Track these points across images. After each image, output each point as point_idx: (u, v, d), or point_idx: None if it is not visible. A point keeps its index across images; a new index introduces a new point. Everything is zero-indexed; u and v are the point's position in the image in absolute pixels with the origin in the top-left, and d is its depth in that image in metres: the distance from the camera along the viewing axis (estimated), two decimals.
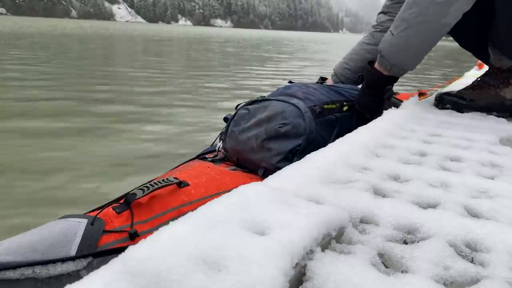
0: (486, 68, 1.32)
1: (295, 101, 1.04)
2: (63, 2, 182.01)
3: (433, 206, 0.56)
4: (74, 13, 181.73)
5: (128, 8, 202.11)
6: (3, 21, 45.99)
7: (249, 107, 1.09)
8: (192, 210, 0.78)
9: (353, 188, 0.59)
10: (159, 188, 0.78)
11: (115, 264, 0.32)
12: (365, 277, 0.36)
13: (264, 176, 1.00)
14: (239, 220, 0.40)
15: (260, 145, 1.00)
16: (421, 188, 0.60)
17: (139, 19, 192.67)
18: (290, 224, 0.40)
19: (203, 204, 0.81)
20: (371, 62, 1.23)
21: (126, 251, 0.33)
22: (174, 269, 0.31)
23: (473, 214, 0.54)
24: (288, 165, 0.95)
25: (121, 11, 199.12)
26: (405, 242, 0.47)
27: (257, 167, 1.02)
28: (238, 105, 1.15)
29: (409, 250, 0.43)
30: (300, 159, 0.96)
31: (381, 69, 1.17)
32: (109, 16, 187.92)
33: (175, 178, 0.83)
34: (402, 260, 0.42)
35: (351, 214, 0.51)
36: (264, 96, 1.14)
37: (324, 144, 1.05)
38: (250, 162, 1.04)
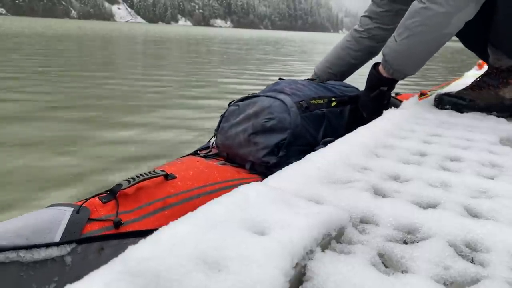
0: (485, 68, 1.32)
1: (282, 96, 1.07)
2: (63, 3, 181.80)
3: (433, 206, 0.56)
4: (74, 13, 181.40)
5: (128, 9, 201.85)
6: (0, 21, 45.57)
7: (240, 103, 1.13)
8: (177, 201, 0.81)
9: (353, 188, 0.59)
10: (145, 179, 0.80)
11: (115, 264, 0.32)
12: (365, 277, 0.36)
13: (251, 169, 1.03)
14: (239, 220, 0.40)
15: (247, 140, 1.03)
16: (421, 188, 0.60)
17: (139, 19, 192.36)
18: (290, 224, 0.40)
19: (188, 195, 0.83)
20: (376, 64, 1.25)
21: (126, 251, 0.33)
22: (174, 269, 0.31)
23: (473, 214, 0.54)
24: (273, 158, 0.99)
25: (121, 12, 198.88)
26: (405, 242, 0.47)
27: (245, 161, 1.05)
28: (231, 102, 1.17)
29: (409, 250, 0.43)
30: (286, 153, 1.00)
31: (383, 72, 1.20)
32: (109, 17, 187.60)
33: (162, 170, 0.85)
34: (402, 260, 0.42)
35: (351, 214, 0.51)
36: (255, 93, 1.17)
37: (311, 138, 1.07)
38: (238, 156, 1.06)
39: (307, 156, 0.72)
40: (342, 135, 1.13)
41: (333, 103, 1.18)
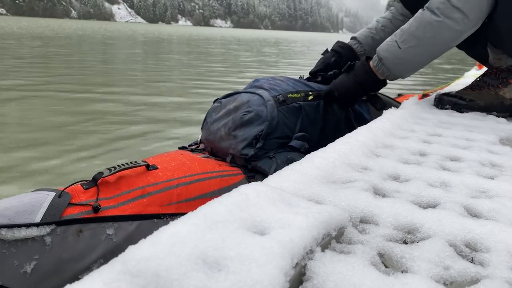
0: (485, 68, 1.32)
1: (260, 91, 1.12)
2: (63, 3, 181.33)
3: (433, 206, 0.56)
4: (74, 13, 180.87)
5: (128, 9, 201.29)
6: None
7: (222, 100, 1.18)
8: (156, 190, 0.83)
9: (353, 188, 0.59)
10: (126, 168, 0.83)
11: (115, 264, 0.32)
12: (365, 277, 0.36)
13: (232, 162, 1.06)
14: (239, 220, 0.40)
15: (227, 133, 1.07)
16: (421, 188, 0.60)
17: (139, 19, 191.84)
18: (290, 224, 0.40)
19: (167, 185, 0.85)
20: (368, 59, 1.22)
21: (126, 251, 0.33)
22: (173, 269, 0.31)
23: (473, 214, 0.54)
24: (252, 151, 1.02)
25: (121, 12, 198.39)
26: (405, 242, 0.47)
27: (226, 155, 1.08)
28: (216, 99, 1.22)
29: (409, 250, 0.43)
30: (264, 144, 1.03)
31: (377, 72, 1.18)
32: (109, 17, 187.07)
33: (144, 161, 0.88)
34: (402, 260, 0.42)
35: (351, 214, 0.51)
36: (238, 90, 1.21)
37: (288, 131, 1.10)
38: (220, 150, 1.10)
39: (307, 156, 0.72)
40: (320, 126, 1.19)
41: (310, 97, 1.20)
